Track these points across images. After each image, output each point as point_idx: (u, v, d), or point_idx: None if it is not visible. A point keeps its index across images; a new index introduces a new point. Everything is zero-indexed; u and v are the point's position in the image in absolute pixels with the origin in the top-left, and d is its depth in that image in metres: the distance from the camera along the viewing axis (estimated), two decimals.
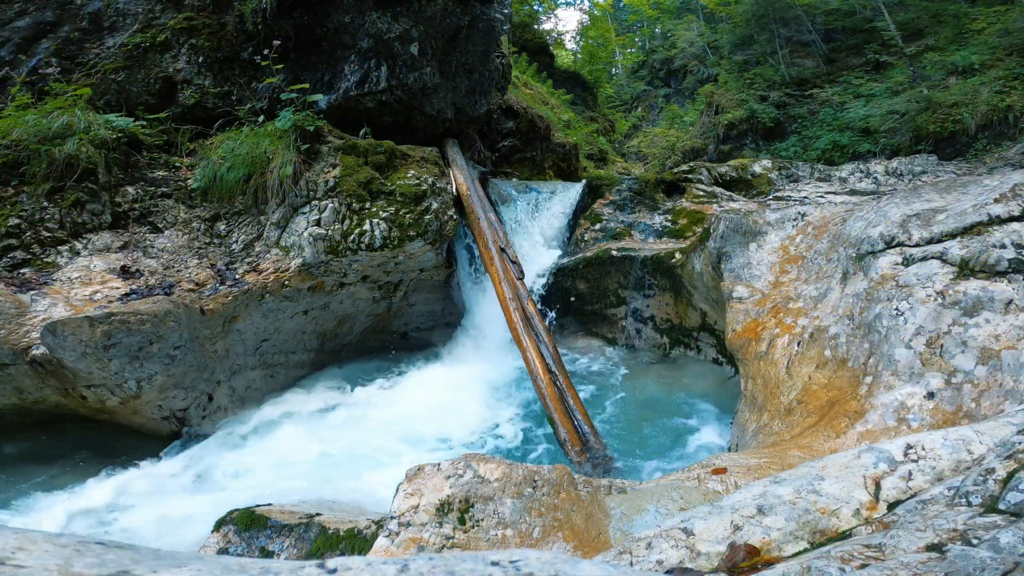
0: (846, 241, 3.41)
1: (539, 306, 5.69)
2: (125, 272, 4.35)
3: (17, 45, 5.50)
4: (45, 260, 4.27)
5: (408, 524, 1.82)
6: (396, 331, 6.18)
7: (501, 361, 5.35)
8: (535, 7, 22.28)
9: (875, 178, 8.52)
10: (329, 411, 4.74)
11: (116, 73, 5.53)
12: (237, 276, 4.68)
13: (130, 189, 4.83)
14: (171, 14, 5.69)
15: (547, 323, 5.29)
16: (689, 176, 7.71)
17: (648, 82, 28.45)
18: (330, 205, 4.99)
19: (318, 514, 2.77)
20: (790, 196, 7.42)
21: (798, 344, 3.17)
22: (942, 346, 2.47)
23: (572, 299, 5.99)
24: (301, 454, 3.98)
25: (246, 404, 4.74)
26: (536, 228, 6.64)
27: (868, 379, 2.63)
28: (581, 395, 4.46)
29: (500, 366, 5.30)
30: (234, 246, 4.92)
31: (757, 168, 8.61)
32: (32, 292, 3.92)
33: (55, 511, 3.42)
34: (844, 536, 1.25)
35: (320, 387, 5.23)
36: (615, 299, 5.80)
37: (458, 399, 4.75)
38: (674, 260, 5.31)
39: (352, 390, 5.13)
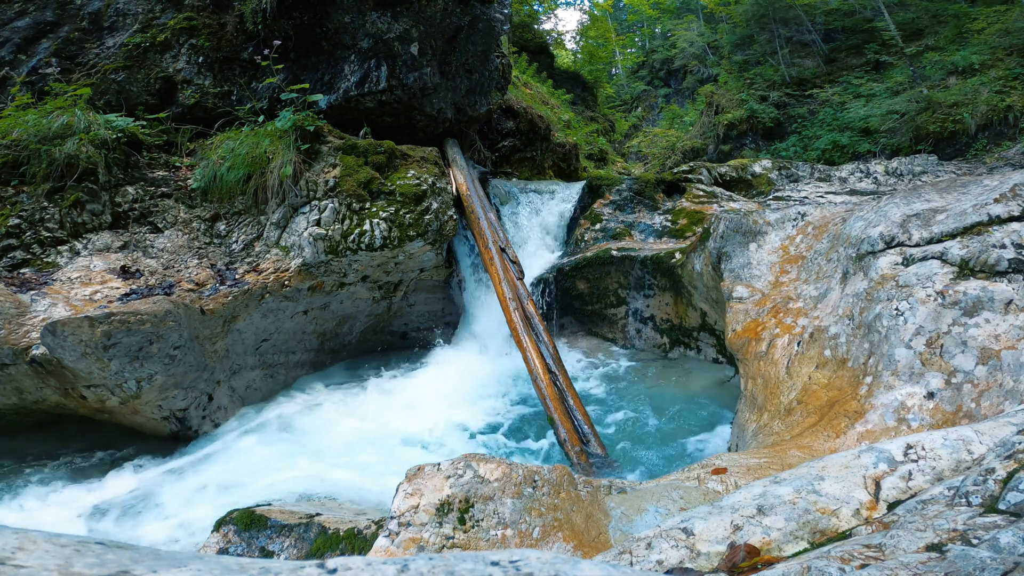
0: (846, 241, 3.41)
1: (549, 302, 5.69)
2: (125, 272, 4.35)
3: (17, 45, 5.51)
4: (45, 260, 4.27)
5: (408, 524, 1.82)
6: (396, 331, 6.18)
7: (501, 360, 5.35)
8: (535, 7, 22.27)
9: (875, 178, 8.52)
10: (328, 410, 4.73)
11: (116, 73, 5.53)
12: (237, 276, 4.68)
13: (130, 189, 4.83)
14: (171, 14, 5.70)
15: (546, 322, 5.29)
16: (689, 176, 7.71)
17: (648, 82, 28.48)
18: (330, 205, 4.99)
19: (318, 514, 2.77)
20: (790, 196, 7.42)
21: (798, 344, 3.17)
22: (942, 346, 2.47)
23: (572, 299, 5.99)
24: (299, 454, 3.98)
25: (246, 404, 4.74)
26: (536, 228, 6.64)
27: (868, 379, 2.63)
28: (580, 395, 4.45)
29: (500, 365, 5.30)
30: (234, 246, 4.92)
31: (757, 168, 8.61)
32: (32, 292, 3.92)
33: (59, 511, 3.42)
34: (844, 536, 1.25)
35: (320, 387, 5.23)
36: (615, 299, 5.80)
37: (457, 398, 4.75)
38: (674, 260, 5.31)
39: (351, 390, 5.13)
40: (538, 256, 6.33)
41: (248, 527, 2.71)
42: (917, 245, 2.94)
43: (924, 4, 14.12)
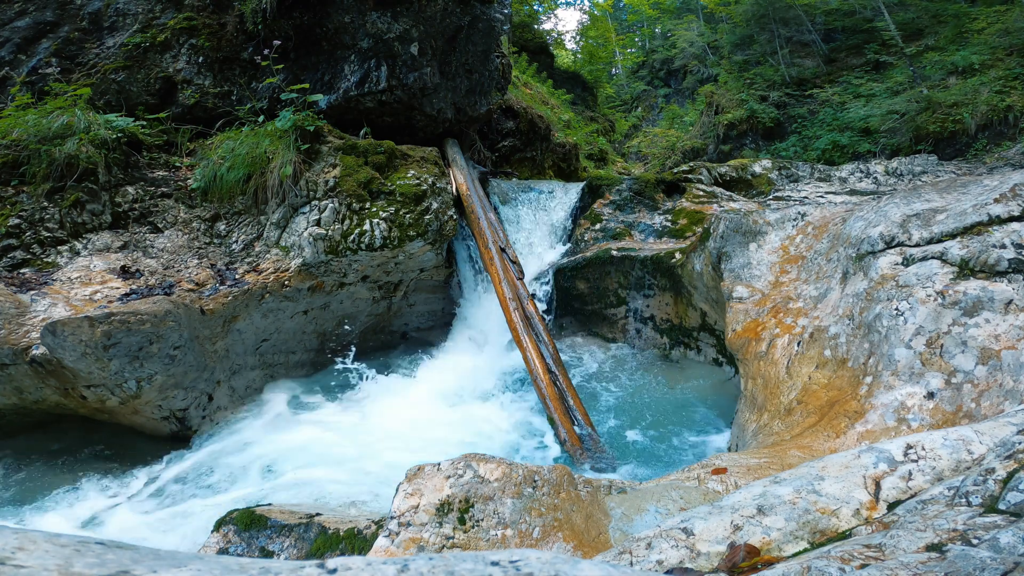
0: (846, 241, 3.41)
1: (548, 302, 5.69)
2: (125, 272, 4.35)
3: (17, 45, 5.51)
4: (45, 260, 4.27)
5: (408, 524, 1.82)
6: (396, 331, 6.18)
7: (501, 361, 5.35)
8: (535, 7, 22.27)
9: (875, 178, 8.52)
10: (328, 411, 4.73)
11: (116, 73, 5.53)
12: (237, 276, 4.68)
13: (130, 189, 4.83)
14: (171, 14, 5.69)
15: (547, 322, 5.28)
16: (689, 176, 7.71)
17: (648, 82, 28.47)
18: (330, 205, 4.99)
19: (318, 514, 2.77)
20: (790, 196, 7.42)
21: (798, 344, 3.17)
22: (942, 346, 2.47)
23: (572, 299, 6.00)
24: (298, 454, 3.98)
25: (246, 404, 4.74)
26: (536, 228, 6.64)
27: (868, 379, 2.63)
28: (581, 395, 4.46)
29: (499, 366, 5.30)
30: (234, 246, 4.92)
31: (757, 168, 8.61)
32: (32, 292, 3.92)
33: (61, 512, 3.42)
34: (844, 536, 1.25)
35: (319, 387, 5.23)
36: (615, 299, 5.80)
37: (457, 398, 4.75)
38: (674, 260, 5.31)
39: (350, 390, 5.12)
40: (538, 256, 6.33)
41: (248, 527, 2.71)
42: (917, 245, 2.94)
43: (924, 4, 14.12)
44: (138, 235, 4.68)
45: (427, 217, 5.27)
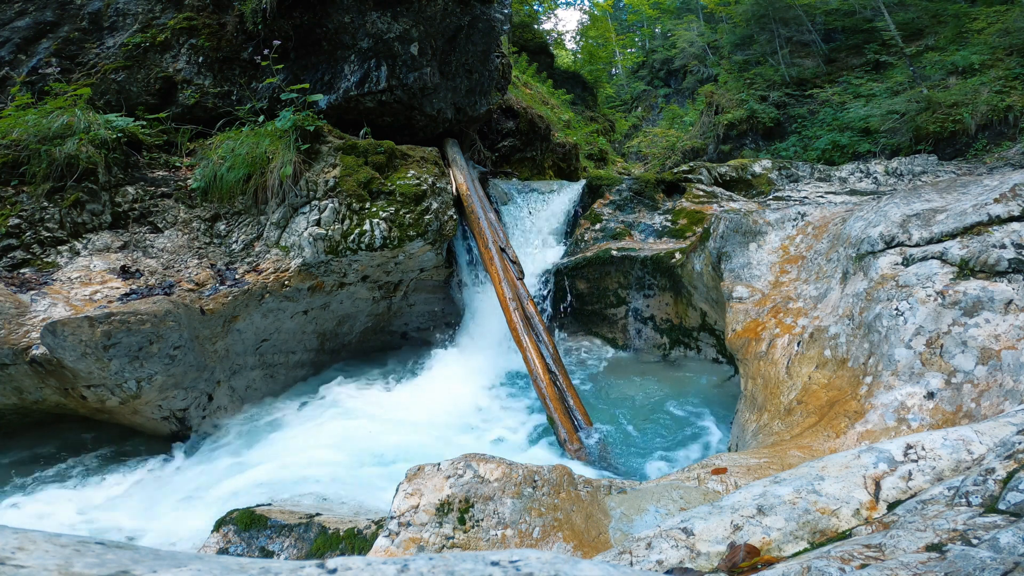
0: (846, 241, 3.41)
1: (548, 302, 5.69)
2: (125, 272, 4.35)
3: (17, 45, 5.50)
4: (45, 260, 4.27)
5: (408, 524, 1.82)
6: (396, 331, 6.18)
7: (501, 361, 5.35)
8: (535, 7, 22.28)
9: (875, 178, 8.52)
10: (328, 411, 4.73)
11: (116, 73, 5.53)
12: (237, 276, 4.68)
13: (130, 189, 4.83)
14: (171, 14, 5.69)
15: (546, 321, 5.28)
16: (689, 176, 7.71)
17: (648, 82, 28.50)
18: (330, 205, 4.99)
19: (318, 514, 2.77)
20: (790, 196, 7.42)
21: (798, 344, 3.17)
22: (942, 346, 2.47)
23: (572, 299, 6.00)
24: (299, 454, 3.97)
25: (246, 404, 4.74)
26: (536, 228, 6.64)
27: (868, 379, 2.63)
28: (581, 395, 4.45)
29: (500, 365, 5.30)
30: (234, 246, 4.92)
31: (757, 168, 8.61)
32: (32, 292, 3.92)
33: (61, 511, 3.41)
34: (844, 536, 1.25)
35: (319, 387, 5.23)
36: (615, 299, 5.80)
37: (457, 398, 4.75)
38: (674, 260, 5.31)
39: (350, 390, 5.13)
40: (538, 256, 6.33)
41: (248, 527, 2.71)
42: (917, 245, 2.94)
43: (924, 4, 14.13)
44: (138, 235, 4.68)
45: (427, 217, 5.27)
